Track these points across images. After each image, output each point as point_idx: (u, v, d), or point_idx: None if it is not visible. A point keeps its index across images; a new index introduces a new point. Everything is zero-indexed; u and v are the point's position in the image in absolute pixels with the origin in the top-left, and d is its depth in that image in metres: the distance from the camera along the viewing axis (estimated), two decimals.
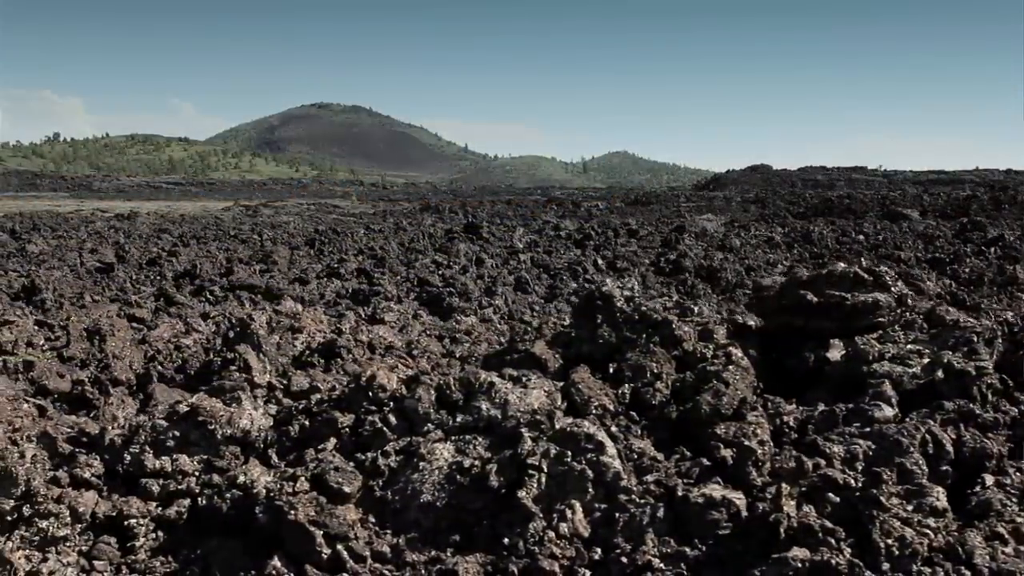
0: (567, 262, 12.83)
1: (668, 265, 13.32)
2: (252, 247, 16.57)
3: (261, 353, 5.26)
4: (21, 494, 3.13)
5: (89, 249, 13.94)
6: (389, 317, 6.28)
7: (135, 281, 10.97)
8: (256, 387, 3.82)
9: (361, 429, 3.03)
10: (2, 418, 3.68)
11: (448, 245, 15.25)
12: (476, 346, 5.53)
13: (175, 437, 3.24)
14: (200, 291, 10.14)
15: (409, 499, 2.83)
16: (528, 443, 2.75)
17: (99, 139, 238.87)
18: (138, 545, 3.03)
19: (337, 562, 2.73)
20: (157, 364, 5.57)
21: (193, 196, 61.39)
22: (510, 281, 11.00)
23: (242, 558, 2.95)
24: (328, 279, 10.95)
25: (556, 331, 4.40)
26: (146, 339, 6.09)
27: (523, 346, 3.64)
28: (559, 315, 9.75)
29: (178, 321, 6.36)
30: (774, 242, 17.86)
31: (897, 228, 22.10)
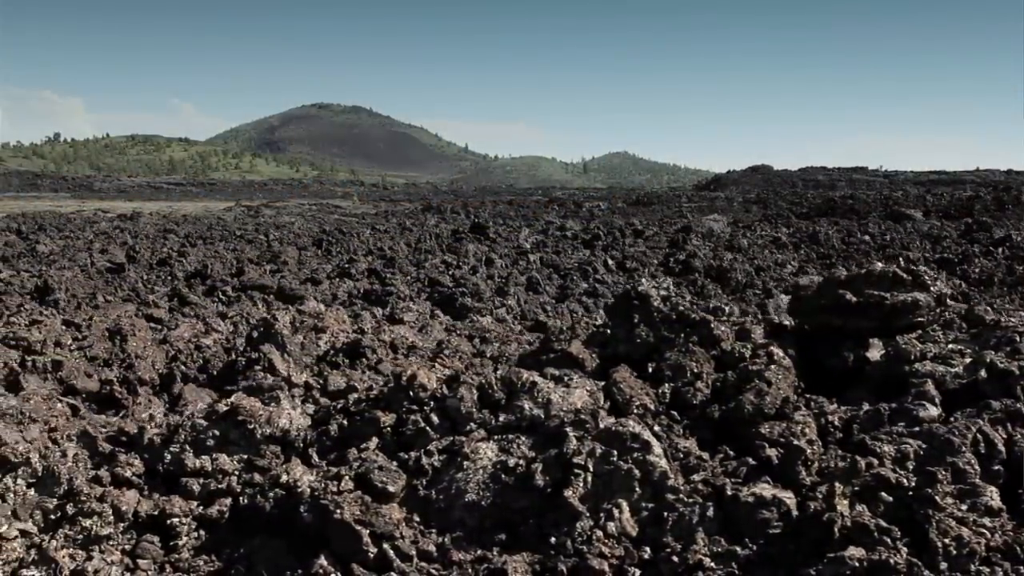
0: (577, 262, 12.84)
1: (677, 265, 13.34)
2: (259, 247, 16.57)
3: (285, 353, 5.27)
4: (64, 493, 3.15)
5: (99, 249, 13.95)
6: (408, 317, 6.29)
7: (146, 281, 10.98)
8: (293, 387, 3.83)
9: (404, 428, 3.04)
10: (39, 417, 3.69)
11: (456, 245, 15.26)
12: (506, 346, 5.54)
13: (215, 436, 3.25)
14: (212, 291, 10.15)
15: (454, 498, 2.84)
16: (573, 442, 2.76)
17: (100, 139, 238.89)
18: (181, 544, 3.04)
19: (383, 561, 2.74)
20: (180, 364, 5.58)
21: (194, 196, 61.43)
22: (522, 281, 11.01)
23: (286, 557, 2.96)
24: (340, 279, 10.96)
25: (590, 331, 4.41)
26: (167, 339, 6.09)
27: (559, 346, 3.65)
28: (572, 315, 9.77)
29: (197, 321, 6.37)
30: (780, 242, 17.87)
31: (902, 228, 22.12)
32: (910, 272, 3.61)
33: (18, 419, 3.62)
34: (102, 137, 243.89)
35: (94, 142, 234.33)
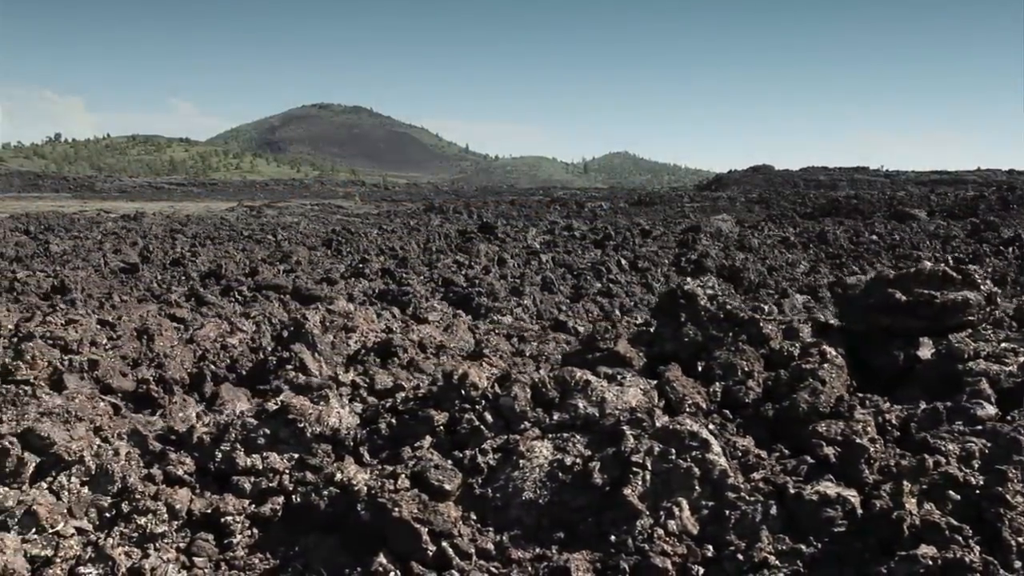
0: (590, 262, 12.85)
1: (690, 265, 13.34)
2: (268, 248, 16.58)
3: (316, 352, 5.29)
4: (117, 491, 3.16)
5: (112, 249, 13.96)
6: (432, 317, 6.30)
7: (160, 281, 10.99)
8: (340, 385, 3.84)
9: (459, 427, 3.05)
10: (84, 416, 3.70)
11: (468, 245, 15.27)
12: (543, 345, 5.55)
13: (265, 435, 3.26)
14: (228, 291, 10.16)
15: (510, 496, 2.85)
16: (631, 441, 2.77)
17: (100, 140, 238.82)
18: (235, 542, 3.05)
19: (443, 559, 2.75)
20: (209, 364, 5.59)
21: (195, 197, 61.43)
22: (537, 281, 11.02)
23: (342, 555, 2.97)
24: (355, 279, 10.97)
25: (633, 330, 4.42)
26: (193, 338, 6.10)
27: (604, 344, 3.66)
28: (588, 315, 9.77)
29: (222, 321, 6.38)
30: (789, 242, 17.87)
31: (908, 229, 22.11)
32: (960, 271, 3.62)
33: (64, 418, 3.63)
34: (103, 137, 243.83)
35: (95, 142, 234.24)
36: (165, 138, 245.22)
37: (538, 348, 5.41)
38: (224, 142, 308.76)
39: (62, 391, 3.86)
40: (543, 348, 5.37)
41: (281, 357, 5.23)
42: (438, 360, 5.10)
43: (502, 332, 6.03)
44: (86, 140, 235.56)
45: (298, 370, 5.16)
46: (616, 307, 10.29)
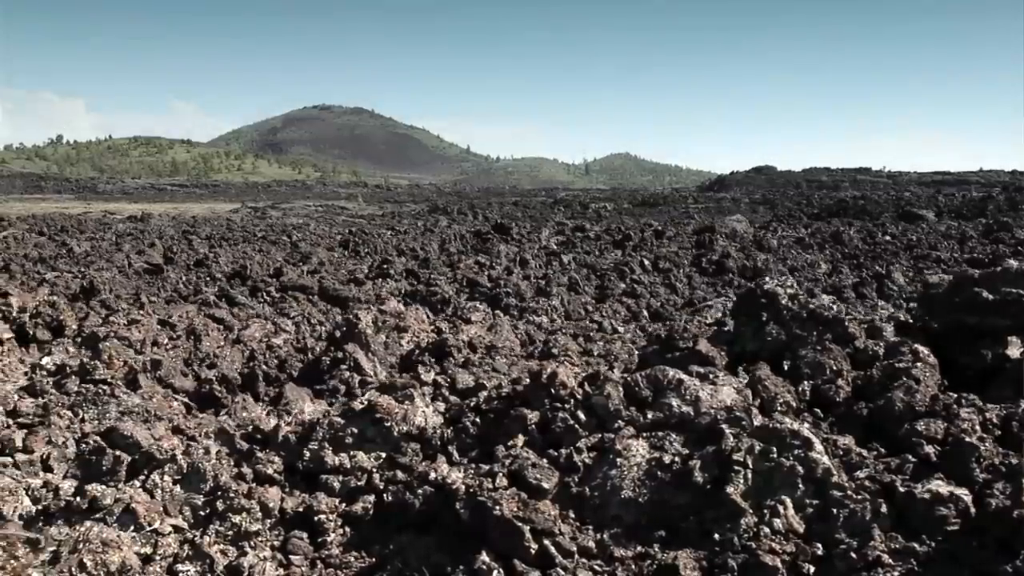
0: (612, 263, 12.86)
1: (711, 266, 13.35)
2: (284, 248, 16.60)
3: (370, 352, 5.30)
4: (210, 489, 3.17)
5: (136, 250, 13.99)
6: (475, 317, 6.32)
7: (186, 282, 11.00)
8: (423, 384, 3.86)
9: (554, 426, 3.06)
10: (163, 416, 3.72)
11: (487, 246, 15.29)
12: (610, 344, 5.56)
13: (353, 434, 3.27)
14: (255, 292, 10.17)
15: (609, 495, 2.86)
16: (731, 439, 2.78)
17: (102, 141, 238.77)
18: (329, 540, 3.06)
19: (545, 558, 2.76)
20: (261, 364, 5.61)
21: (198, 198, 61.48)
22: (563, 282, 11.03)
23: (438, 554, 2.98)
24: (381, 280, 10.98)
25: (713, 329, 4.43)
26: (240, 339, 6.12)
27: (684, 344, 3.68)
28: (615, 315, 9.78)
29: (266, 321, 6.40)
30: (805, 243, 17.88)
31: (920, 229, 22.11)
32: None
33: (144, 417, 3.65)
34: (104, 139, 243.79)
35: (96, 144, 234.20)
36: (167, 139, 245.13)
37: (605, 347, 5.42)
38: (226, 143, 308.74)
39: (137, 390, 3.88)
40: (610, 347, 5.39)
41: (335, 357, 5.24)
42: (492, 360, 5.11)
43: (568, 332, 6.04)
44: (88, 142, 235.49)
45: (352, 370, 5.18)
46: (643, 307, 10.30)
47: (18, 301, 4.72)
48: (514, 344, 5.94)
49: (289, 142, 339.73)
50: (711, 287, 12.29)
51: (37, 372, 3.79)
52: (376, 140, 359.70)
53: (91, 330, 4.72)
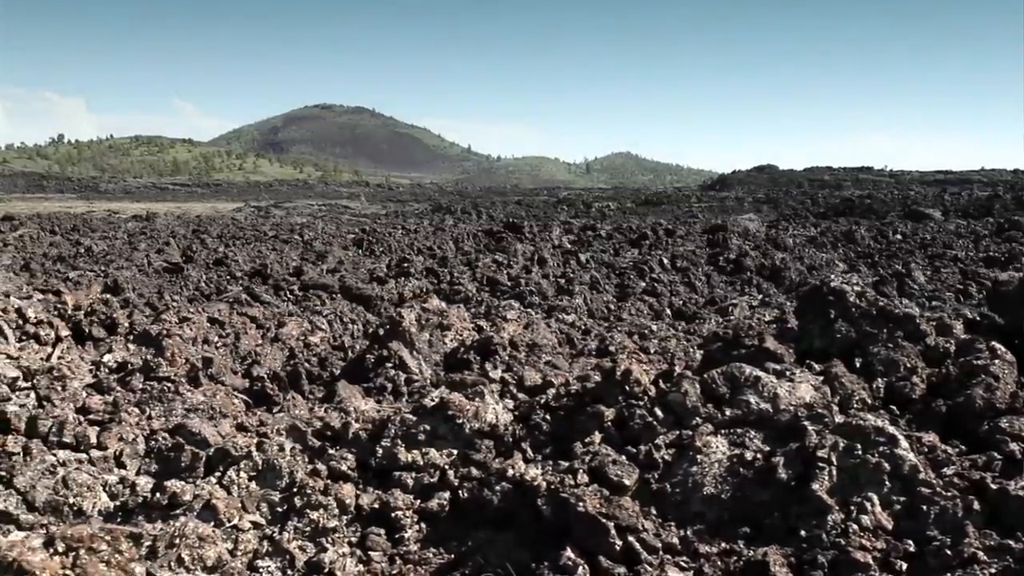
0: (632, 261, 12.87)
1: (728, 264, 13.36)
2: (297, 247, 16.61)
3: (414, 350, 5.31)
4: (286, 486, 3.18)
5: (155, 249, 14.00)
6: (511, 315, 6.33)
7: (207, 281, 11.01)
8: (492, 382, 3.86)
9: (632, 423, 3.07)
10: (228, 413, 3.73)
11: (503, 245, 15.29)
12: (666, 342, 5.57)
13: (425, 431, 3.28)
14: (278, 290, 10.19)
15: (690, 491, 2.87)
16: (813, 436, 2.79)
17: (103, 140, 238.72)
18: (406, 537, 3.07)
19: (630, 554, 2.76)
20: (303, 362, 5.62)
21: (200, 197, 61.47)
22: (586, 280, 11.04)
23: (518, 550, 2.99)
24: (403, 279, 10.99)
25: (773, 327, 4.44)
26: (279, 337, 6.13)
27: (750, 341, 3.69)
28: (638, 313, 9.79)
29: (303, 320, 6.41)
30: (818, 241, 17.89)
31: (930, 228, 22.11)
32: None
33: (209, 414, 3.66)
34: (106, 138, 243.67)
35: (98, 143, 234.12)
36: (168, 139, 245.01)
37: (660, 345, 5.43)
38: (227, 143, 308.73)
39: (198, 387, 3.89)
40: (665, 345, 5.40)
41: (380, 355, 5.25)
42: (537, 358, 5.12)
43: (623, 329, 6.05)
44: (89, 141, 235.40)
45: (398, 368, 5.18)
46: (665, 306, 10.31)
47: (72, 299, 4.73)
48: (552, 342, 5.95)
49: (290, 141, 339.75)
50: (730, 285, 12.30)
51: (101, 369, 3.80)
52: (377, 139, 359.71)
53: (143, 328, 4.73)
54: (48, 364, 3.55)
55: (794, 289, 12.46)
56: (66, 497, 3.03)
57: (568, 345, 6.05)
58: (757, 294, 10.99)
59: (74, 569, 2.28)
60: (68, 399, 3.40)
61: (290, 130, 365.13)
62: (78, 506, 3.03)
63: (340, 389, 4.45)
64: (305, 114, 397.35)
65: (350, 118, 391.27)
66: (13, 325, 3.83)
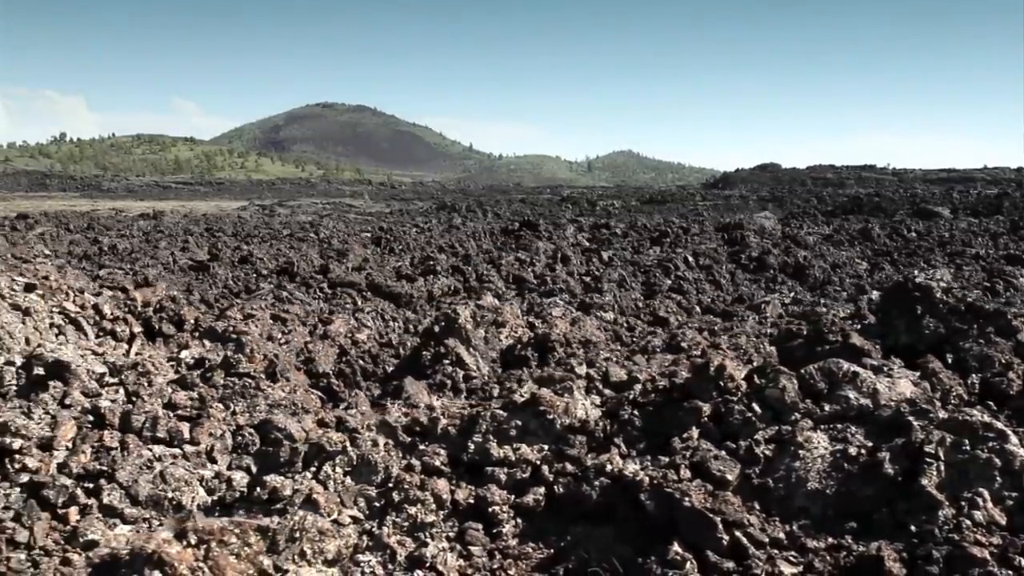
0: (655, 259, 12.88)
1: (751, 262, 13.37)
2: (313, 245, 16.61)
3: (471, 347, 5.32)
4: (381, 481, 3.19)
5: (179, 247, 14.02)
6: (557, 312, 6.33)
7: (235, 278, 11.03)
8: (579, 378, 3.87)
9: (731, 418, 3.08)
10: (310, 408, 3.74)
11: (524, 243, 15.30)
12: (736, 339, 5.58)
13: (516, 427, 3.29)
14: (307, 288, 10.20)
15: (794, 486, 2.87)
16: (919, 432, 2.80)
17: (105, 139, 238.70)
18: (504, 532, 3.08)
19: (737, 549, 2.77)
20: (357, 359, 5.62)
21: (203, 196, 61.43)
22: (614, 278, 11.05)
23: (619, 545, 2.99)
24: (432, 276, 11.00)
25: (849, 323, 4.45)
26: (327, 334, 6.13)
27: (834, 337, 3.70)
28: (667, 311, 9.78)
29: (350, 317, 6.41)
30: (834, 239, 17.88)
31: (943, 225, 22.10)
32: None
33: (292, 410, 3.67)
34: (107, 136, 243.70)
35: (100, 142, 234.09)
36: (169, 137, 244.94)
37: (731, 341, 5.44)
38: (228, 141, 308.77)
39: (277, 383, 3.90)
40: (736, 341, 5.41)
41: (436, 352, 5.25)
42: (595, 354, 5.12)
43: (694, 325, 6.06)
44: (91, 139, 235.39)
45: (455, 365, 5.19)
46: (694, 303, 10.31)
47: (140, 296, 4.74)
48: (602, 338, 5.95)
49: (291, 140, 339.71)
50: (754, 283, 12.30)
51: (181, 366, 3.81)
52: (379, 138, 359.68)
53: (209, 324, 4.74)
54: (132, 360, 3.56)
55: (819, 287, 12.46)
56: (164, 491, 3.04)
57: (618, 341, 6.06)
58: (788, 292, 11.00)
59: (206, 561, 2.29)
60: (155, 395, 3.41)
61: (291, 128, 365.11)
62: (177, 500, 3.04)
63: (407, 385, 4.46)
64: (306, 112, 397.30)
65: (351, 116, 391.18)
66: (91, 321, 3.84)
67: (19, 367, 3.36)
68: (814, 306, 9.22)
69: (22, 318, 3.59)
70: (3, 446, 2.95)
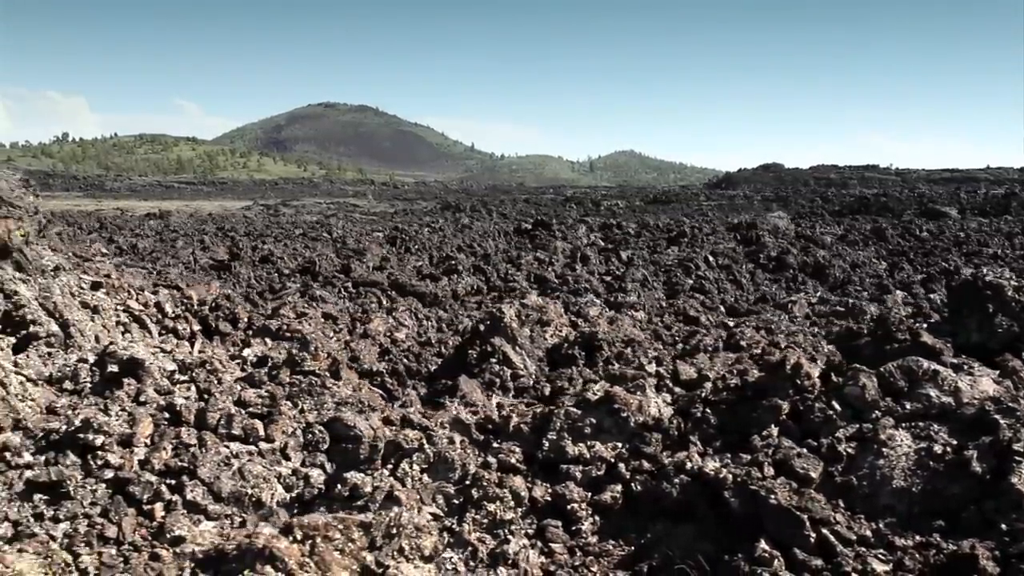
0: (676, 259, 12.87)
1: (770, 262, 13.37)
2: (328, 244, 16.61)
3: (517, 346, 5.32)
4: (459, 478, 3.20)
5: (199, 247, 14.03)
6: (593, 312, 6.33)
7: (257, 278, 11.03)
8: (650, 376, 3.87)
9: (812, 416, 3.08)
10: (376, 407, 3.74)
11: (540, 242, 15.30)
12: (793, 336, 5.58)
13: (591, 424, 3.29)
14: (331, 287, 10.21)
15: (878, 484, 2.87)
16: (1007, 430, 2.80)
17: (107, 139, 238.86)
18: (583, 529, 3.08)
19: (824, 546, 2.77)
20: (401, 357, 5.63)
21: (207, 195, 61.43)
22: (638, 277, 11.04)
23: (700, 542, 3.00)
24: (455, 276, 11.00)
25: (924, 321, 4.45)
26: (367, 333, 6.14)
27: (902, 336, 3.70)
28: (696, 310, 9.77)
29: (388, 316, 6.42)
30: (848, 239, 17.87)
31: (952, 225, 22.08)
32: None
33: (359, 408, 3.67)
34: (110, 136, 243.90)
35: (102, 141, 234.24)
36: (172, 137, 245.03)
37: (789, 340, 5.44)
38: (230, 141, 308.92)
39: (340, 380, 3.90)
40: (795, 340, 5.41)
41: (483, 351, 5.25)
42: (644, 353, 5.12)
43: (751, 324, 6.05)
44: (93, 139, 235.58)
45: (502, 364, 5.19)
46: (718, 303, 10.31)
47: (195, 294, 4.74)
48: (642, 337, 5.95)
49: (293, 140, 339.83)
50: (774, 283, 12.29)
51: (247, 364, 3.81)
52: (380, 137, 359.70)
53: (263, 323, 4.75)
54: (200, 357, 3.56)
55: (839, 286, 12.45)
56: (244, 488, 3.04)
57: (659, 340, 6.06)
58: (814, 291, 10.99)
59: (312, 556, 2.30)
60: (226, 392, 3.42)
61: (293, 128, 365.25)
62: (256, 497, 3.05)
63: (462, 384, 4.46)
64: (308, 112, 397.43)
65: (353, 116, 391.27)
66: (153, 319, 3.84)
67: (92, 364, 3.36)
68: (840, 305, 9.21)
69: (91, 316, 3.59)
70: (86, 442, 2.96)
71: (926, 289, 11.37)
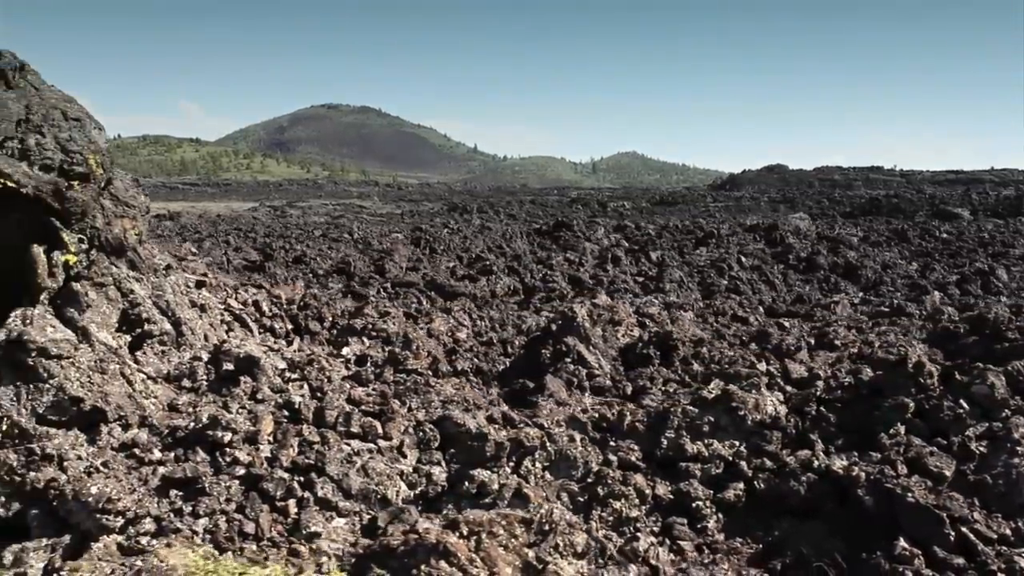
0: (708, 260, 12.87)
1: (800, 263, 13.36)
2: (349, 245, 16.61)
3: (590, 346, 5.32)
4: (581, 476, 3.20)
5: (232, 247, 14.05)
6: (653, 311, 6.33)
7: (291, 278, 11.04)
8: (763, 375, 3.87)
9: (941, 414, 3.08)
10: (481, 405, 3.74)
11: (565, 243, 15.30)
12: (885, 336, 5.58)
13: (709, 423, 3.29)
14: (369, 287, 10.21)
15: (1014, 483, 2.87)
16: None
17: (111, 140, 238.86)
18: (708, 527, 3.08)
19: (964, 545, 2.77)
20: (471, 357, 5.62)
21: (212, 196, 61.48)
22: (675, 278, 11.04)
23: (830, 540, 2.99)
24: (493, 276, 11.00)
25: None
26: (431, 332, 6.14)
27: (1012, 334, 3.70)
28: (745, 311, 9.75)
29: (448, 316, 6.42)
30: (871, 240, 17.86)
31: (974, 227, 22.04)
32: None
33: (464, 406, 3.67)
34: (113, 138, 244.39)
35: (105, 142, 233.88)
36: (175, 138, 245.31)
37: (881, 339, 5.43)
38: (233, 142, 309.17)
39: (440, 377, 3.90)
40: (886, 339, 5.40)
41: (557, 350, 5.25)
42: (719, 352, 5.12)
43: (841, 323, 6.04)
44: None
45: (577, 363, 5.19)
46: (755, 303, 10.30)
47: (283, 294, 4.75)
48: (706, 337, 5.95)
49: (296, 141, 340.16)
50: (806, 283, 12.28)
51: (350, 363, 3.81)
52: (383, 139, 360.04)
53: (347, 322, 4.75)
54: (307, 356, 3.56)
55: (871, 287, 12.43)
56: (370, 485, 3.04)
57: (722, 340, 6.04)
58: (855, 293, 10.98)
59: (478, 552, 2.30)
60: (337, 390, 3.42)
61: (296, 130, 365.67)
62: (382, 494, 3.05)
63: (548, 383, 4.46)
64: (311, 114, 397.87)
65: (356, 118, 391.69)
66: (252, 318, 3.84)
67: (207, 362, 3.37)
68: (883, 306, 9.20)
69: (199, 314, 3.60)
70: (215, 439, 2.96)
71: (961, 290, 11.36)
